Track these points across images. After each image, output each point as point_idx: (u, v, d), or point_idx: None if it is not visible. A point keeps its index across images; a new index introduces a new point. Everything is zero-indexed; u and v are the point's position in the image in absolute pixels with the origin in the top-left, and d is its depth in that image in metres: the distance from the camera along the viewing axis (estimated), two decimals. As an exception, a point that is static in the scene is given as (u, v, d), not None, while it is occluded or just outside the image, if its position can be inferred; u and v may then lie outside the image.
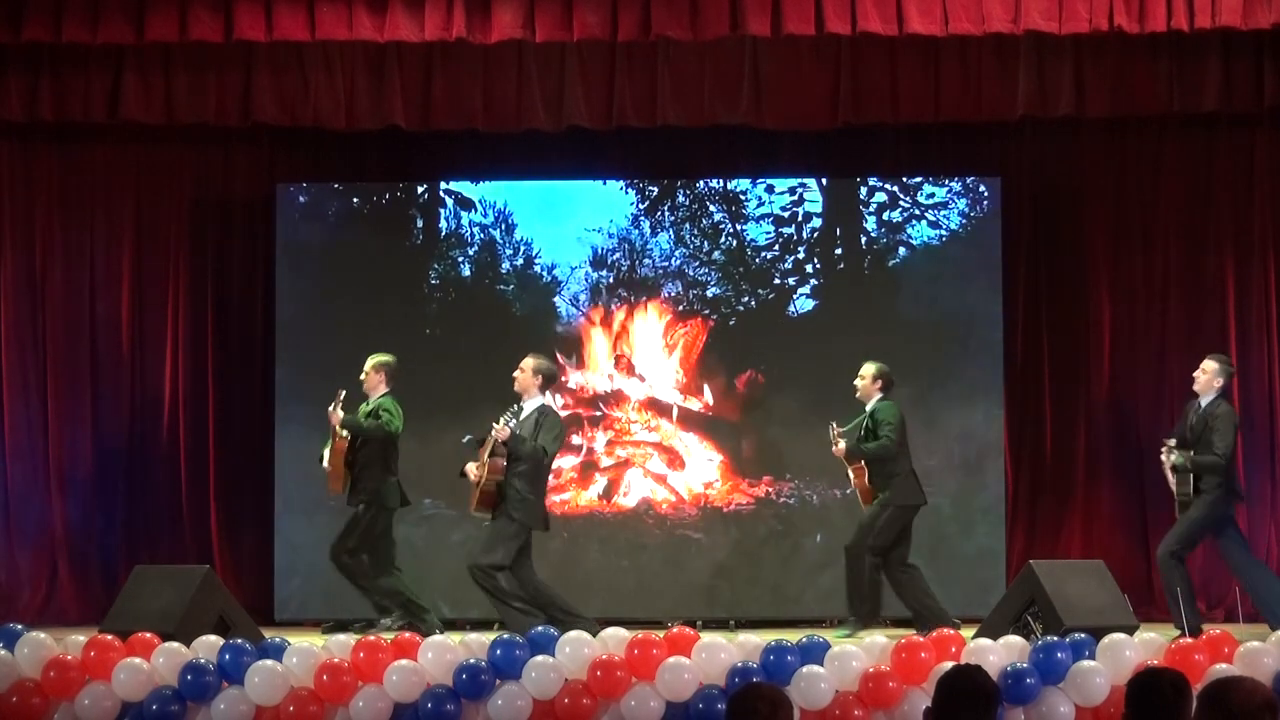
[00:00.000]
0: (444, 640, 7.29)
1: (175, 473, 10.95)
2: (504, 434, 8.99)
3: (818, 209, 10.82)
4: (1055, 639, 7.14)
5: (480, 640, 7.31)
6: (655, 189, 10.89)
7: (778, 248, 10.81)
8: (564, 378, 10.56)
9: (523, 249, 10.91)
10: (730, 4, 9.29)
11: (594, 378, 10.82)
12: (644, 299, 10.84)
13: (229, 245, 11.15)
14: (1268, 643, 7.11)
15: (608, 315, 10.85)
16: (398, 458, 9.61)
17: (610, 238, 10.86)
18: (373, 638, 7.32)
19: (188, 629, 7.75)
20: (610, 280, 10.86)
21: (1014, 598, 8.50)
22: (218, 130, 10.69)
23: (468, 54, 10.07)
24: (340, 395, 9.44)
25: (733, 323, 10.81)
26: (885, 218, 10.78)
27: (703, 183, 10.89)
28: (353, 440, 9.48)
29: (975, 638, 7.46)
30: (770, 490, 10.68)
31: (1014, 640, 7.30)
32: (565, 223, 10.87)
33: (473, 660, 7.00)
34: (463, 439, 9.77)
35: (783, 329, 10.77)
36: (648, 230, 10.87)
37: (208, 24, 9.38)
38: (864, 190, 10.82)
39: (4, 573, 10.71)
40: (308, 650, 7.14)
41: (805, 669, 6.86)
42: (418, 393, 10.19)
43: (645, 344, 10.82)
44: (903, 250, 10.78)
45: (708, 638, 7.17)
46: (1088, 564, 8.87)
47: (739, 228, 10.84)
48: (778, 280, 10.80)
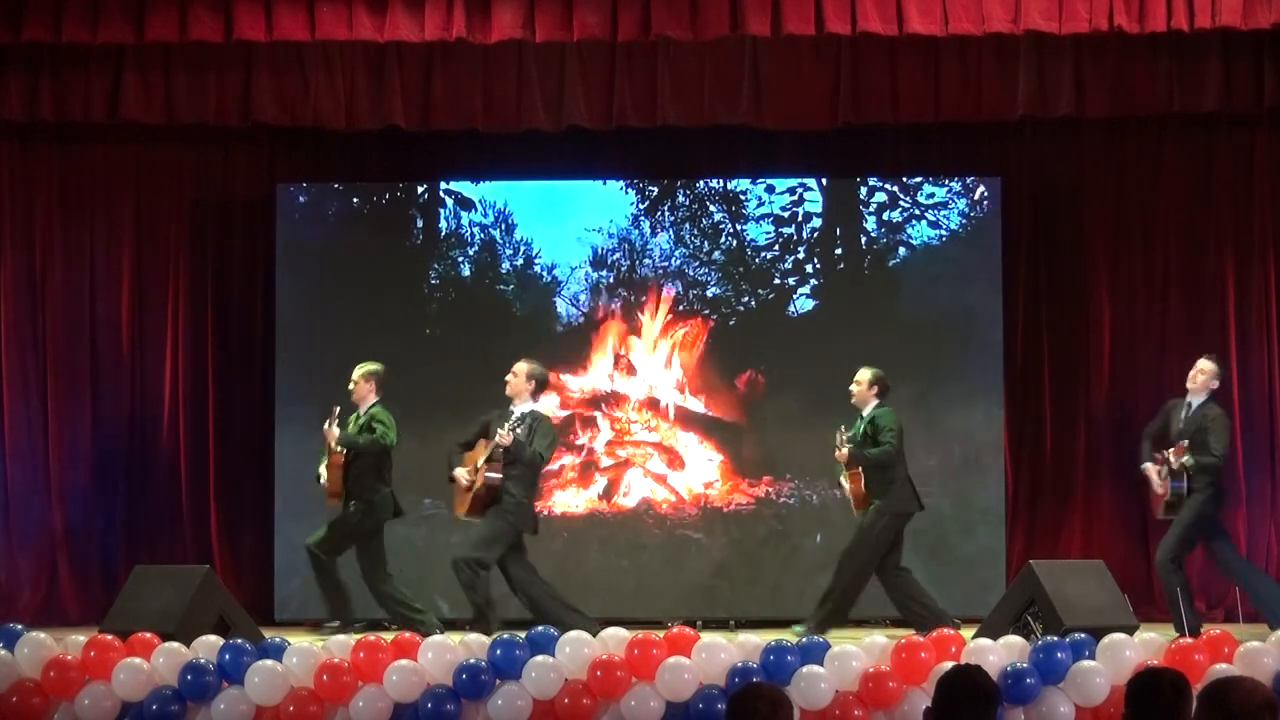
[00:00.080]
0: (444, 640, 7.28)
1: (175, 473, 10.95)
2: (508, 440, 9.05)
3: (818, 209, 10.82)
4: (1055, 639, 7.12)
5: (480, 640, 7.31)
6: (655, 189, 10.88)
7: (778, 248, 10.80)
8: (557, 380, 10.55)
9: (523, 249, 10.91)
10: (730, 4, 9.28)
11: (594, 378, 10.82)
12: (644, 299, 10.84)
13: (229, 245, 11.15)
14: (1268, 643, 7.10)
15: (608, 315, 10.85)
16: (392, 468, 9.60)
17: (610, 238, 10.86)
18: (373, 638, 7.32)
19: (188, 629, 7.74)
20: (610, 280, 10.86)
21: (1014, 598, 8.50)
22: (218, 130, 10.69)
23: (468, 54, 10.07)
24: (335, 412, 9.42)
25: (733, 323, 10.81)
26: (885, 218, 10.78)
27: (703, 183, 10.89)
28: (347, 452, 9.48)
29: (975, 638, 7.45)
30: (770, 490, 10.68)
31: (1014, 640, 7.28)
32: (565, 223, 10.86)
33: (473, 660, 7.00)
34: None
35: (783, 329, 10.77)
36: (648, 230, 10.87)
37: (208, 24, 9.38)
38: (864, 190, 10.82)
39: (4, 573, 10.70)
40: (308, 650, 7.14)
41: (805, 669, 6.85)
42: (418, 393, 10.19)
43: (645, 344, 10.83)
44: (903, 250, 10.78)
45: (708, 638, 7.16)
46: (1088, 564, 8.86)
47: (739, 228, 10.83)
48: (778, 280, 10.80)
